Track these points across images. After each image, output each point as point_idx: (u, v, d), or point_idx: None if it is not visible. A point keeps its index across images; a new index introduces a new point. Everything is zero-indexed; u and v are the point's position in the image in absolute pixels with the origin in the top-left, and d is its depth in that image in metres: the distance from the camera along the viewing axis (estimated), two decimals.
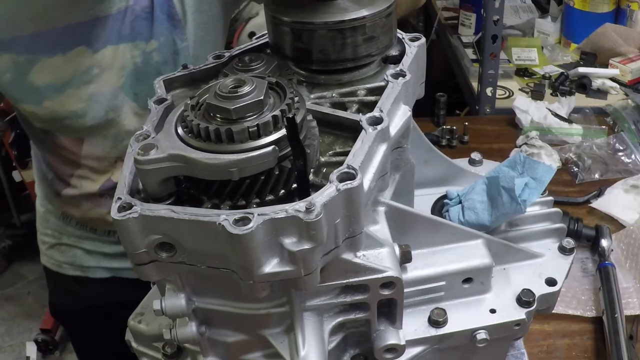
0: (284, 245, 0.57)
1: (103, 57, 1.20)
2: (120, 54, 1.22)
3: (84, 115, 1.23)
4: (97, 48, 1.19)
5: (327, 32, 0.73)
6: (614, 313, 1.20)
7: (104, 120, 1.25)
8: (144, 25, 1.23)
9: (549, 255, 0.92)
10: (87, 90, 1.21)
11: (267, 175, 0.60)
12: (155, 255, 0.61)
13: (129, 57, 1.23)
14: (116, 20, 1.20)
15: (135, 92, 1.26)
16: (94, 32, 1.19)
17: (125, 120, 1.28)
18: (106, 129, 1.27)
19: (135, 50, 1.23)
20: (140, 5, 1.22)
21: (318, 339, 0.69)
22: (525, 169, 0.91)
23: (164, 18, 1.24)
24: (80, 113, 1.23)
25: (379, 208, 0.75)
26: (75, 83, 1.20)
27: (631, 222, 1.51)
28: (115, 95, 1.24)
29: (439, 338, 0.81)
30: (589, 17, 2.31)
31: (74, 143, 1.30)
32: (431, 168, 0.97)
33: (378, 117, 0.67)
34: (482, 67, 2.03)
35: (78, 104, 1.22)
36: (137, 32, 1.22)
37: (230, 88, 0.62)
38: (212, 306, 0.69)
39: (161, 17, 1.24)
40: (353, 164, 0.60)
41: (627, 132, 1.86)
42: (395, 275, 0.66)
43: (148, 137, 0.65)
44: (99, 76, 1.21)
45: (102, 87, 1.22)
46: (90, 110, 1.23)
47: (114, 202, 0.60)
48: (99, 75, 1.21)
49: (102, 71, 1.21)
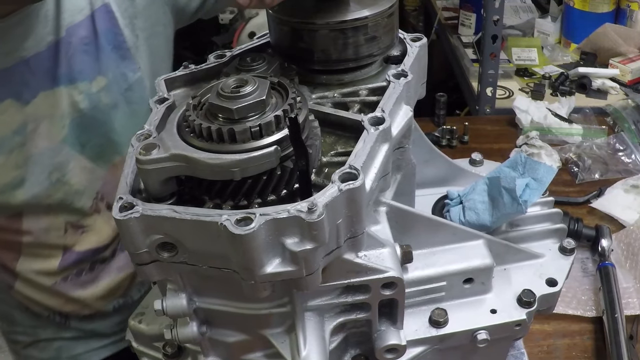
0: (286, 246, 0.57)
1: (36, 108, 0.99)
2: (57, 100, 1.01)
3: (22, 184, 1.01)
4: (28, 98, 0.98)
5: (329, 32, 0.73)
6: (614, 313, 1.20)
7: (48, 185, 1.04)
8: (86, 61, 1.02)
9: (549, 256, 0.92)
10: (23, 154, 1.00)
11: (269, 175, 0.60)
12: (156, 255, 0.61)
13: (69, 102, 1.02)
14: (46, 58, 0.98)
15: (82, 143, 1.06)
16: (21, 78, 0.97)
17: (73, 179, 1.07)
18: (51, 196, 1.06)
19: (77, 94, 1.02)
20: (78, 37, 1.01)
21: (319, 339, 0.69)
22: (526, 170, 0.91)
23: (110, 49, 1.05)
24: (17, 183, 1.01)
25: (381, 208, 0.75)
26: (5, 148, 0.98)
27: (631, 222, 1.51)
28: (57, 152, 1.03)
29: (440, 338, 0.81)
30: (589, 17, 2.31)
31: (11, 221, 1.07)
32: (432, 168, 0.97)
33: (380, 118, 0.67)
34: (482, 67, 2.03)
35: (12, 172, 1.00)
36: (78, 71, 1.02)
37: (232, 88, 0.62)
38: (213, 306, 0.69)
39: (107, 48, 1.04)
40: (355, 164, 0.60)
41: (627, 132, 1.85)
42: (396, 276, 0.66)
43: (150, 136, 0.65)
44: (34, 132, 1.00)
45: (40, 145, 1.01)
46: (29, 176, 1.01)
47: (116, 202, 0.60)
48: (35, 131, 1.00)
49: (38, 125, 1.00)
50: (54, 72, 0.99)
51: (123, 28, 1.06)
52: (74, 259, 1.16)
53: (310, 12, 0.74)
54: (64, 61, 1.00)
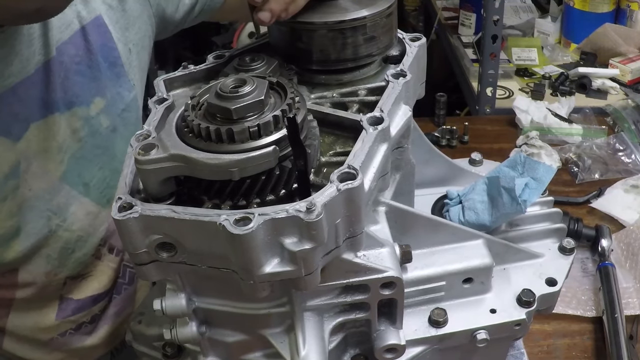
0: (285, 245, 0.57)
1: (28, 143, 0.85)
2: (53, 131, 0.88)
3: (17, 234, 0.88)
4: (18, 133, 0.84)
5: (328, 32, 0.73)
6: (614, 313, 1.20)
7: (47, 233, 0.91)
8: (81, 82, 0.90)
9: (549, 256, 0.92)
10: (16, 199, 0.86)
11: (268, 175, 0.60)
12: (155, 255, 0.61)
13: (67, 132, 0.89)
14: (35, 84, 0.85)
15: (85, 182, 0.94)
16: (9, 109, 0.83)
17: (74, 224, 0.94)
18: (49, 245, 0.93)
19: (75, 121, 0.90)
20: (69, 55, 0.89)
21: (318, 339, 0.69)
22: (526, 169, 0.91)
23: (107, 66, 0.94)
24: (12, 234, 0.88)
25: (380, 208, 0.75)
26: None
27: (631, 222, 1.51)
28: (55, 192, 0.90)
29: (439, 338, 0.81)
30: (589, 17, 2.31)
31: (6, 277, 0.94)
32: (431, 168, 0.97)
33: (379, 117, 0.67)
34: (482, 67, 2.03)
35: (7, 222, 0.87)
36: (74, 95, 0.89)
37: (231, 88, 0.62)
38: (213, 306, 0.69)
39: (103, 65, 0.93)
40: (354, 164, 0.60)
41: (627, 132, 1.85)
42: (395, 275, 0.66)
43: (149, 136, 0.65)
44: (27, 172, 0.86)
45: (35, 186, 0.88)
46: (24, 225, 0.88)
47: (115, 201, 0.60)
48: (27, 171, 0.86)
49: (30, 163, 0.86)
50: (45, 99, 0.87)
51: (117, 42, 0.96)
52: (72, 308, 1.03)
53: (309, 12, 0.74)
54: (57, 85, 0.88)
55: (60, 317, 1.02)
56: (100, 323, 1.11)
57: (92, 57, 0.92)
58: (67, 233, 0.95)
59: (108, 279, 1.07)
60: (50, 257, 0.95)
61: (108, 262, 1.06)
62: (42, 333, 1.03)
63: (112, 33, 0.96)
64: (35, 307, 1.00)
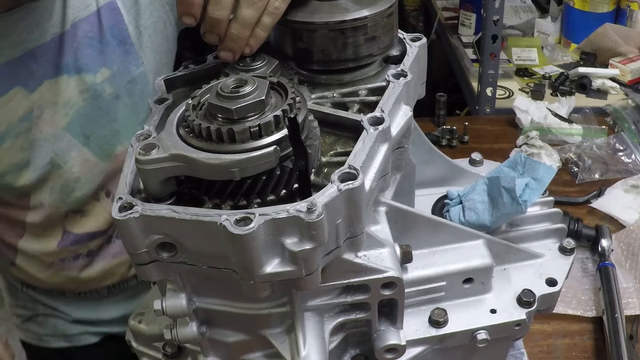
0: (285, 246, 0.57)
1: (41, 95, 1.05)
2: (61, 88, 1.06)
3: (27, 166, 1.08)
4: (33, 86, 1.04)
5: (329, 32, 0.73)
6: (614, 313, 1.20)
7: (50, 169, 1.10)
8: (90, 53, 1.07)
9: (549, 256, 0.92)
10: (28, 137, 1.06)
11: (269, 175, 0.60)
12: (156, 255, 0.61)
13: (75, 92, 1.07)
14: (50, 49, 1.03)
15: (86, 135, 1.11)
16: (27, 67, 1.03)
17: (74, 167, 1.12)
18: (52, 179, 1.12)
19: (81, 84, 1.07)
20: (83, 31, 1.06)
21: (319, 339, 0.69)
22: (526, 170, 0.91)
23: (115, 44, 1.09)
24: (23, 164, 1.08)
25: (380, 208, 0.75)
26: (13, 132, 1.05)
27: (631, 222, 1.51)
28: (59, 138, 1.09)
29: (440, 338, 0.81)
30: (589, 17, 2.31)
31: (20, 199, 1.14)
32: (432, 168, 0.97)
33: (379, 117, 0.67)
34: (482, 67, 2.03)
35: (19, 154, 1.07)
36: (83, 63, 1.06)
37: (231, 88, 0.62)
38: (213, 306, 0.69)
39: (112, 42, 1.08)
40: (354, 164, 0.60)
41: (627, 132, 1.85)
42: (396, 276, 0.66)
43: (149, 136, 0.65)
44: (39, 118, 1.06)
45: (44, 130, 1.07)
46: (33, 159, 1.08)
47: (115, 202, 0.60)
48: (39, 117, 1.06)
49: (42, 112, 1.06)
50: (58, 62, 1.04)
51: (128, 24, 1.10)
52: (71, 240, 1.22)
53: (310, 12, 0.74)
54: (69, 52, 1.05)
55: (61, 246, 1.21)
56: (96, 259, 1.27)
57: (103, 35, 1.07)
58: (67, 173, 1.12)
59: (104, 220, 1.23)
60: (54, 190, 1.13)
61: (105, 205, 1.21)
62: (45, 256, 1.23)
63: (125, 16, 1.10)
64: (42, 234, 1.20)
